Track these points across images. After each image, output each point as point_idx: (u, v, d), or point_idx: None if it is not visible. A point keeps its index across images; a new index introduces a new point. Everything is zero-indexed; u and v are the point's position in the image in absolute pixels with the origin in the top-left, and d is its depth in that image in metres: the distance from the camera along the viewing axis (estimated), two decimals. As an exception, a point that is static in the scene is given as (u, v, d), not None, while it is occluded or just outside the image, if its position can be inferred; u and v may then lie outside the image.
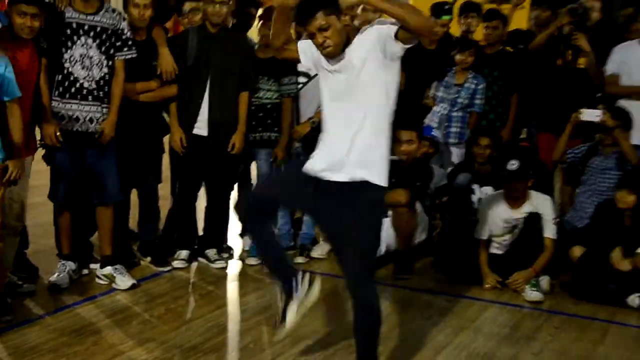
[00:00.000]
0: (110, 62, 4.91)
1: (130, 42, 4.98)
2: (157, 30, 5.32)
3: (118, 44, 4.91)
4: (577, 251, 5.64)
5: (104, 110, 4.92)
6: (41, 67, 4.72)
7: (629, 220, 5.46)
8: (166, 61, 5.26)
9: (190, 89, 5.42)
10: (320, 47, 3.47)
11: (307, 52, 3.71)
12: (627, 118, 5.81)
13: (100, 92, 4.90)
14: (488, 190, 5.97)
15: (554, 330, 4.79)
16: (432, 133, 6.29)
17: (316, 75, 5.60)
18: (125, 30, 4.96)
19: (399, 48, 3.39)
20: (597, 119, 5.76)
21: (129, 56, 4.98)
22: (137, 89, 5.23)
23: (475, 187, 6.13)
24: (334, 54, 3.48)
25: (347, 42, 3.50)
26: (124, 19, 5.00)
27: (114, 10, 5.01)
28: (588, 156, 5.98)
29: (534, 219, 5.48)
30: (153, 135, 5.47)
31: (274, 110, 5.64)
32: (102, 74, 4.89)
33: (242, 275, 5.65)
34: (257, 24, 5.74)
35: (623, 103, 6.03)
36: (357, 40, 3.51)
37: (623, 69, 6.12)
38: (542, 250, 5.47)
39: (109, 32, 4.87)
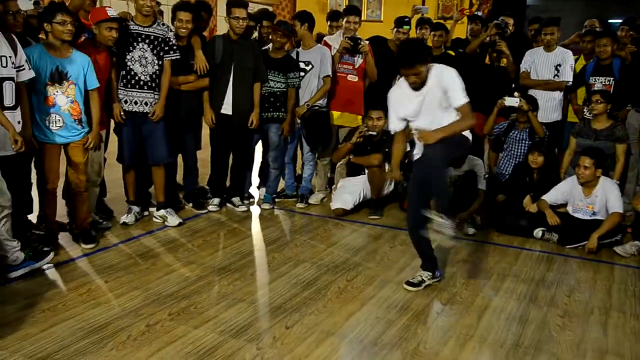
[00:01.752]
0: (160, 62, 4.95)
1: (175, 47, 5.02)
2: (195, 37, 5.34)
3: (166, 48, 4.96)
4: (500, 198, 5.79)
5: (156, 96, 4.97)
6: (112, 66, 4.81)
7: (537, 175, 5.60)
8: (200, 60, 5.29)
9: (218, 81, 5.43)
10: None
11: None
12: (535, 103, 5.93)
13: (153, 83, 4.94)
14: None
15: (483, 255, 4.90)
16: None
17: (310, 70, 5.77)
18: (172, 38, 4.99)
19: None
20: (516, 104, 5.85)
21: (174, 57, 5.02)
22: (179, 81, 5.24)
23: None
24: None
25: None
26: (171, 31, 5.04)
27: (164, 24, 5.07)
28: (508, 130, 6.08)
29: (471, 175, 5.58)
30: (191, 115, 5.49)
31: (282, 96, 5.68)
32: (154, 70, 4.93)
33: (259, 216, 5.73)
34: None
35: (531, 92, 6.15)
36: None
37: (532, 67, 6.21)
38: (476, 198, 5.57)
39: (160, 39, 4.92)
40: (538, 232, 5.30)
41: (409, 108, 4.00)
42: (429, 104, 3.92)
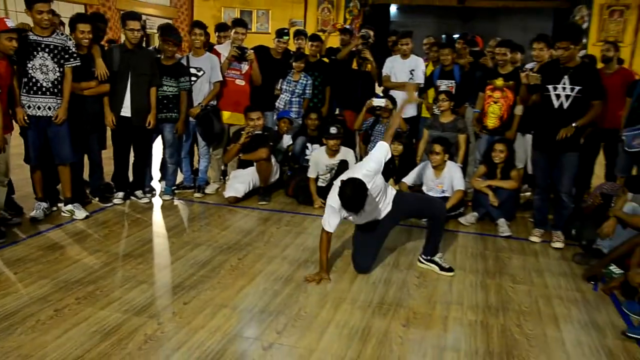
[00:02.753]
0: (61, 69, 4.69)
1: (75, 55, 4.76)
2: (94, 47, 5.12)
3: (66, 56, 4.70)
4: (368, 182, 5.93)
5: (59, 101, 4.71)
6: (13, 73, 4.52)
7: (398, 161, 5.81)
8: (101, 67, 5.08)
9: (117, 86, 5.21)
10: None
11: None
12: (395, 102, 6.11)
13: (55, 89, 4.68)
14: (316, 147, 6.08)
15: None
16: (290, 114, 6.34)
17: (202, 75, 5.68)
18: (71, 47, 4.73)
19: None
20: (383, 104, 6.02)
21: (74, 64, 4.76)
22: (82, 87, 5.01)
23: (308, 145, 6.27)
24: None
25: None
26: (70, 40, 4.78)
27: (62, 34, 4.80)
28: (374, 125, 6.23)
29: (344, 163, 5.65)
30: (95, 118, 5.23)
31: (175, 99, 5.53)
32: (56, 77, 4.67)
33: (160, 207, 5.56)
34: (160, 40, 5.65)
35: (392, 92, 6.31)
36: None
37: (392, 72, 6.39)
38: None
39: (60, 48, 4.66)
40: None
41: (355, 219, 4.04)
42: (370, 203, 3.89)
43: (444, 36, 7.84)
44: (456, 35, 7.79)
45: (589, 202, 4.98)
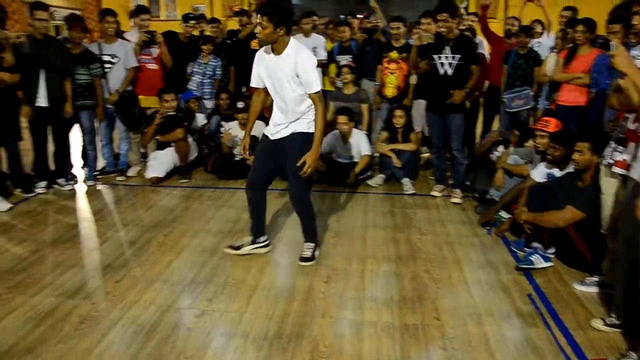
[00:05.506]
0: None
1: None
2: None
3: None
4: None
5: None
6: None
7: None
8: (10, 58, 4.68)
9: (30, 77, 4.83)
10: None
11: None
12: None
13: None
14: (232, 124, 5.83)
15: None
16: (194, 94, 6.11)
17: (117, 62, 5.39)
18: None
19: None
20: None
21: None
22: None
23: (223, 123, 6.01)
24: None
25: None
26: None
27: None
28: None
29: (254, 138, 5.54)
30: (7, 110, 4.83)
31: (88, 86, 5.25)
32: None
33: (84, 193, 5.26)
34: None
35: None
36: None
37: None
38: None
39: None
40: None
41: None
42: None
43: (342, 16, 7.87)
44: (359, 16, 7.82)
45: (482, 143, 5.21)
